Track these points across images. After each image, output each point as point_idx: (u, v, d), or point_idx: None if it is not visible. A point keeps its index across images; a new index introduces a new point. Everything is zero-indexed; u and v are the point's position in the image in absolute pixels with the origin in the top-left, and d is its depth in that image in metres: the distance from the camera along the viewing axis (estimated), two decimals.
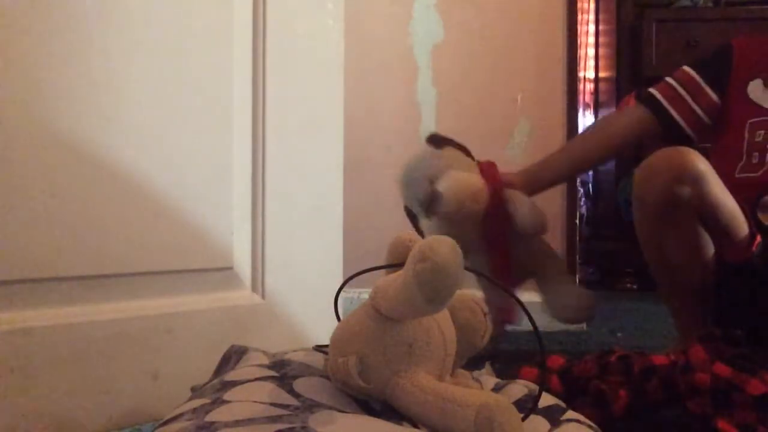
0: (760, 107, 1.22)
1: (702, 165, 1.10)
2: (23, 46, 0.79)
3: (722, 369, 0.83)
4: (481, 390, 0.69)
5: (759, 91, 1.23)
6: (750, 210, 1.14)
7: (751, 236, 1.15)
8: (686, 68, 1.29)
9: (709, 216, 1.14)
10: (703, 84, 1.26)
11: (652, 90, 1.30)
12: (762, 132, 1.21)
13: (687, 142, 1.24)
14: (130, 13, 0.88)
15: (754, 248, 1.14)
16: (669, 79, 1.30)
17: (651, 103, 1.28)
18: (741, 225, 1.15)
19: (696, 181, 1.09)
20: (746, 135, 1.22)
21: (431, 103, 1.88)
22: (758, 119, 1.22)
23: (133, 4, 0.88)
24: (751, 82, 1.24)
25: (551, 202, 1.83)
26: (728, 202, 1.14)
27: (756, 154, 1.20)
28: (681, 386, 0.83)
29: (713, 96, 1.25)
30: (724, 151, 1.27)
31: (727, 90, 1.26)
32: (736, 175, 1.21)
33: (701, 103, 1.26)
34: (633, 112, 1.34)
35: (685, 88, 1.27)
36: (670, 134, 1.26)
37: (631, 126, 1.32)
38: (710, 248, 1.18)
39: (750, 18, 2.73)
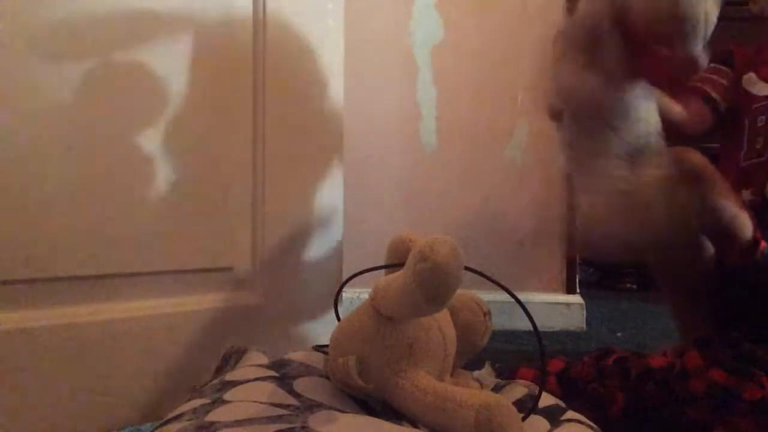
0: (756, 95, 1.25)
1: (701, 164, 1.09)
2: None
3: (718, 374, 0.82)
4: (481, 390, 0.69)
5: (752, 82, 1.26)
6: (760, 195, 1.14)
7: (755, 240, 1.14)
8: None
9: (709, 216, 1.13)
10: (715, 76, 1.28)
11: None
12: (763, 117, 1.22)
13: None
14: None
15: (758, 253, 1.12)
16: None
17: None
18: (743, 227, 1.13)
19: (695, 180, 1.09)
20: (746, 122, 1.23)
21: (431, 103, 1.87)
22: (757, 105, 1.23)
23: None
24: (744, 76, 1.28)
25: (552, 202, 1.83)
26: (729, 203, 1.12)
27: (760, 138, 1.21)
28: (677, 392, 0.83)
29: (724, 82, 1.27)
30: (727, 144, 1.28)
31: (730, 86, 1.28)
32: (742, 164, 1.21)
33: (718, 90, 1.27)
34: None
35: (701, 76, 1.28)
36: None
37: None
38: (710, 248, 1.17)
39: (750, 18, 2.72)
